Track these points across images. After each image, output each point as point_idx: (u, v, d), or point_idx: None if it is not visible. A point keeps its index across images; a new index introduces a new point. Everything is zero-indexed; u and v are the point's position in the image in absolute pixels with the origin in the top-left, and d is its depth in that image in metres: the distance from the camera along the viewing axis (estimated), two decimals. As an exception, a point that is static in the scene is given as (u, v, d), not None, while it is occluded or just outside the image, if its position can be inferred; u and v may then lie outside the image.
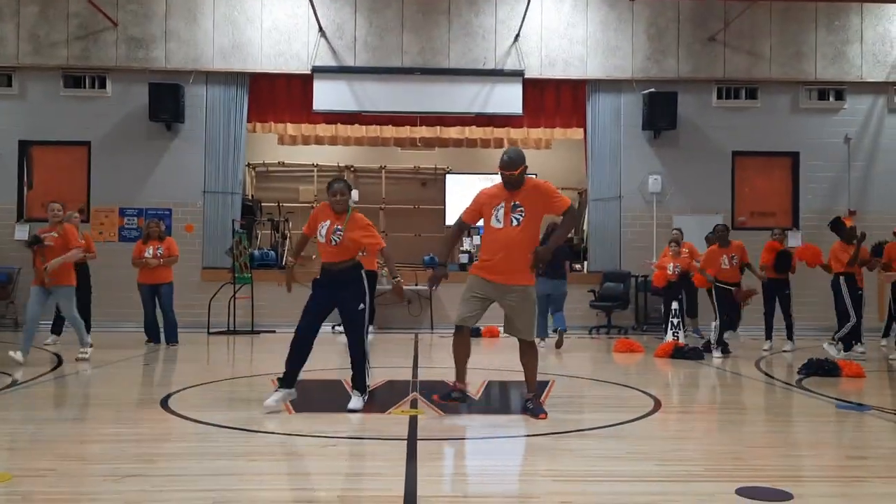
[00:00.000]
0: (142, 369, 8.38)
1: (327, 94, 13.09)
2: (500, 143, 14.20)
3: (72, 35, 12.86)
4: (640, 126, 13.26)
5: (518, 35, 13.05)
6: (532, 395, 5.56)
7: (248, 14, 13.04)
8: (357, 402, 5.61)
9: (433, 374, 7.62)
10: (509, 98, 13.18)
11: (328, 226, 5.62)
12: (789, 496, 3.59)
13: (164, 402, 5.90)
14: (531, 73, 13.20)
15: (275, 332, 11.61)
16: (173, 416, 5.43)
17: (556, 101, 13.53)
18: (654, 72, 13.28)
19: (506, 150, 5.50)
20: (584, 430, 5.15)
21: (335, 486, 3.87)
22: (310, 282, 5.79)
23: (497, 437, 5.00)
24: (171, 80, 12.78)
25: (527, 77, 13.17)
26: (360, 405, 5.60)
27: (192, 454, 4.38)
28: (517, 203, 5.36)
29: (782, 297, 10.29)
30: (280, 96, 13.40)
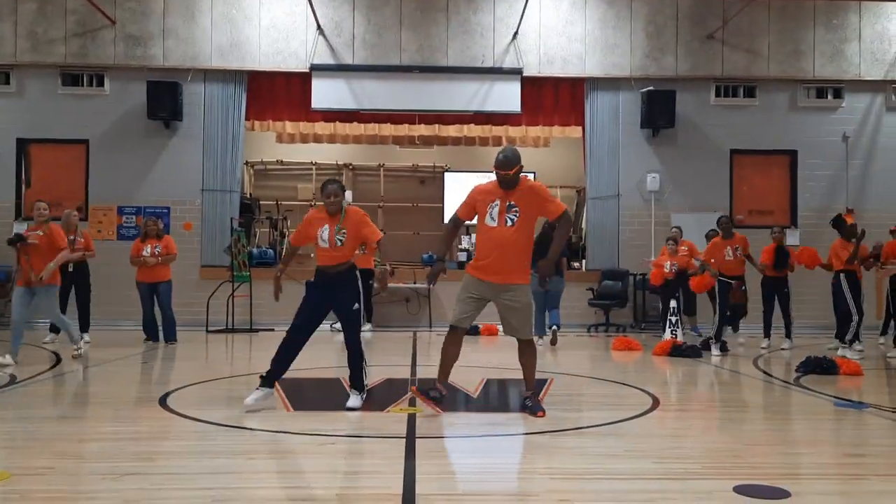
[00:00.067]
0: (140, 367, 8.38)
1: (325, 92, 13.08)
2: (498, 141, 14.19)
3: (70, 33, 12.84)
4: (639, 124, 13.26)
5: (516, 33, 13.04)
6: (530, 392, 5.59)
7: (247, 12, 13.03)
8: (355, 400, 5.62)
9: (432, 372, 7.55)
10: (508, 96, 13.18)
11: (328, 229, 5.60)
12: (787, 494, 3.59)
13: (163, 401, 5.90)
14: (529, 71, 13.20)
15: (273, 330, 11.60)
16: (172, 415, 5.43)
17: (554, 99, 13.53)
18: (653, 70, 13.28)
19: (502, 149, 5.47)
20: (582, 428, 5.15)
21: (334, 485, 3.87)
22: (304, 280, 5.78)
23: (495, 435, 5.00)
24: (169, 78, 12.77)
25: (525, 75, 13.17)
26: (359, 403, 5.61)
27: (191, 452, 4.38)
28: (512, 203, 5.35)
29: (781, 296, 10.30)
30: (278, 94, 13.39)
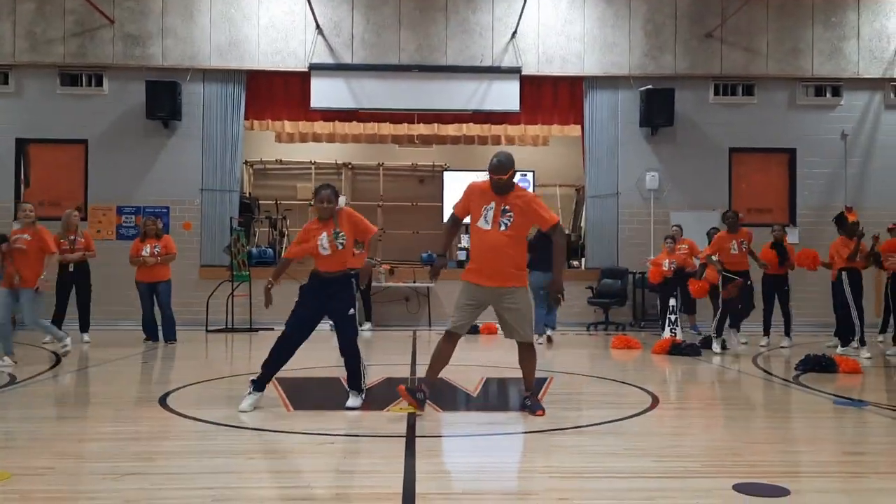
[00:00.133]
0: (140, 367, 8.38)
1: (325, 92, 13.07)
2: (497, 139, 14.19)
3: (68, 32, 12.84)
4: (638, 122, 13.26)
5: (515, 32, 13.04)
6: (530, 392, 5.59)
7: (245, 11, 13.02)
8: (355, 400, 5.63)
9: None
10: (507, 95, 13.18)
11: (326, 235, 5.58)
12: (786, 492, 3.60)
13: (163, 400, 5.90)
14: (528, 70, 13.20)
15: (273, 329, 11.59)
16: (172, 414, 5.44)
17: (553, 97, 13.53)
18: (652, 68, 13.28)
19: (496, 153, 5.42)
20: (581, 427, 5.15)
21: (333, 484, 3.88)
22: (302, 280, 5.77)
23: (495, 434, 5.01)
24: (168, 77, 12.76)
25: (524, 74, 13.17)
26: (359, 403, 5.62)
27: (191, 452, 4.39)
28: (507, 208, 5.35)
29: (781, 294, 10.31)
30: (277, 94, 13.38)
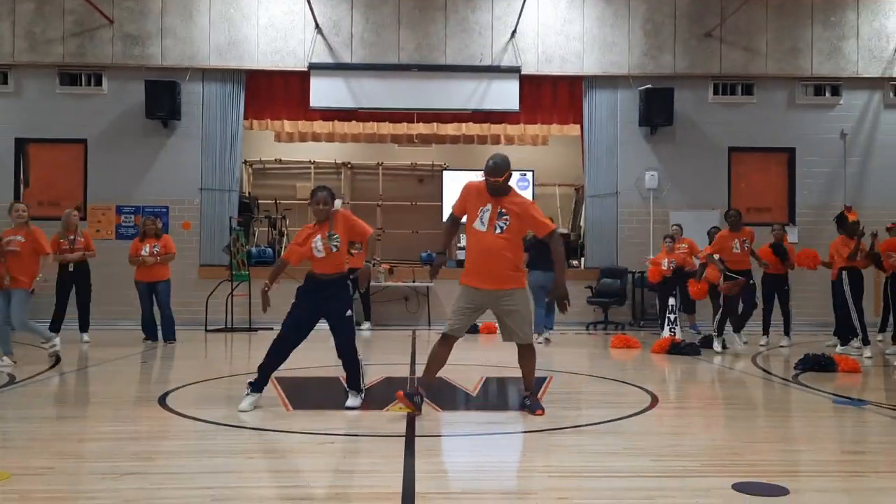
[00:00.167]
0: (139, 367, 8.38)
1: (324, 91, 13.07)
2: (496, 139, 14.20)
3: (68, 32, 12.84)
4: (637, 122, 13.26)
5: (514, 31, 13.05)
6: (529, 391, 5.59)
7: (245, 11, 13.02)
8: (355, 400, 5.63)
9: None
10: (506, 94, 13.18)
11: (320, 238, 5.56)
12: (786, 491, 3.60)
13: (162, 400, 5.91)
14: (528, 70, 13.20)
15: (272, 329, 11.54)
16: (171, 414, 5.43)
17: (552, 97, 13.53)
18: (651, 68, 13.28)
19: (492, 155, 5.39)
20: (581, 427, 5.15)
21: (333, 483, 3.88)
22: (301, 278, 5.77)
23: (494, 434, 5.01)
24: (167, 77, 12.77)
25: (523, 73, 13.17)
26: (358, 403, 5.62)
27: (191, 452, 4.39)
28: (503, 211, 5.32)
29: (781, 293, 10.30)
30: (277, 93, 13.38)
